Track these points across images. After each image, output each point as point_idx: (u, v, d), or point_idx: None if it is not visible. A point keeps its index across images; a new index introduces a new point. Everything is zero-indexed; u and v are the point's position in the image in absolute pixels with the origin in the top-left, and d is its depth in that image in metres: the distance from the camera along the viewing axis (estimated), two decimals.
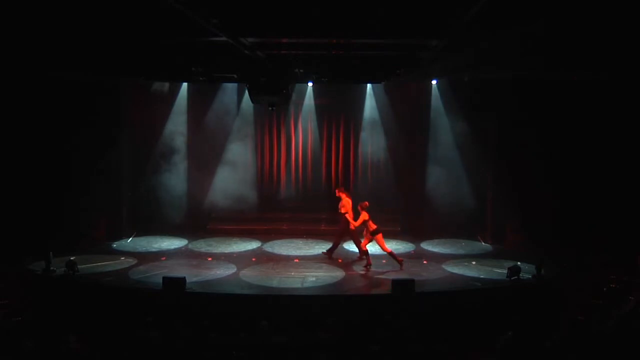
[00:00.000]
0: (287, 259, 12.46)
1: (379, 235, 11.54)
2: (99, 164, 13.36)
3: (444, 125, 14.58)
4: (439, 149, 14.67)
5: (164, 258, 12.41)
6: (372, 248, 13.51)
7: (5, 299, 9.80)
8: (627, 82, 11.54)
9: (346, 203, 12.39)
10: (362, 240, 11.94)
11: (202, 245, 13.65)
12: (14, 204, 12.25)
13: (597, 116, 12.28)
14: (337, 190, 12.78)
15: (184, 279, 10.04)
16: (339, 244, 12.68)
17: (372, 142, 15.40)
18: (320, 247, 13.45)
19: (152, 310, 8.86)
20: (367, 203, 11.78)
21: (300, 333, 7.82)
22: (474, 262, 12.18)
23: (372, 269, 11.62)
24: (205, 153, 15.00)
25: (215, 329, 7.99)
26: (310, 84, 14.53)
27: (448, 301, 9.98)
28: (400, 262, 11.61)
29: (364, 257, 11.84)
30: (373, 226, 11.57)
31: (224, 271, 11.44)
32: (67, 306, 9.57)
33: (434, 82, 14.39)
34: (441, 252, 13.24)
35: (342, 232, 12.56)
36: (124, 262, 11.94)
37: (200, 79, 11.71)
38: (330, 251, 12.57)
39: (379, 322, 8.54)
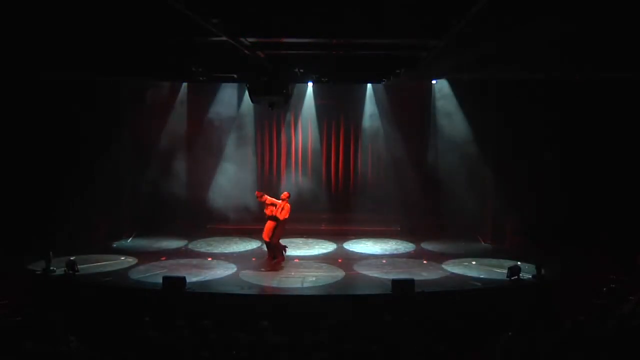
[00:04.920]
0: (287, 259, 12.46)
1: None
2: (99, 164, 13.36)
3: (443, 125, 14.59)
4: (438, 148, 14.68)
5: (164, 258, 12.41)
6: (372, 248, 13.56)
7: (5, 299, 9.79)
8: (627, 83, 11.57)
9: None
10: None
11: (202, 245, 13.65)
12: (14, 204, 12.25)
13: (597, 116, 12.29)
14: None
15: (184, 279, 10.04)
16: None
17: (372, 142, 15.41)
18: (320, 247, 13.47)
19: (152, 310, 8.85)
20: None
21: (300, 333, 7.81)
22: (474, 262, 12.18)
23: (372, 268, 11.62)
24: (205, 153, 15.00)
25: (215, 329, 7.98)
26: (310, 84, 14.53)
27: (448, 301, 9.98)
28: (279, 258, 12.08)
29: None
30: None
31: (224, 271, 11.44)
32: (67, 306, 9.56)
33: (434, 82, 14.39)
34: (441, 252, 13.24)
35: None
36: (124, 262, 11.95)
37: (200, 79, 11.70)
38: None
39: (379, 322, 8.54)
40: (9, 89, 11.95)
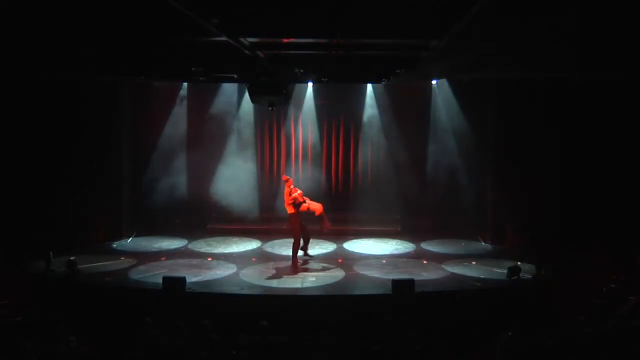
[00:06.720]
0: (287, 259, 12.45)
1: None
2: (99, 164, 13.36)
3: (443, 125, 14.59)
4: (438, 148, 14.68)
5: (164, 258, 12.41)
6: (372, 248, 13.55)
7: (5, 299, 9.80)
8: (626, 83, 11.58)
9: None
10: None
11: (202, 245, 13.65)
12: (14, 204, 12.25)
13: (597, 116, 12.30)
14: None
15: (184, 279, 10.04)
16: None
17: (372, 142, 15.39)
18: (320, 247, 13.46)
19: (152, 310, 8.86)
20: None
21: (300, 333, 7.82)
22: (474, 262, 12.18)
23: (372, 268, 11.62)
24: (205, 153, 14.97)
25: (215, 329, 7.99)
26: (310, 84, 14.52)
27: (448, 301, 9.98)
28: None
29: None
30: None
31: (224, 271, 11.44)
32: (67, 306, 9.56)
33: (434, 82, 14.39)
34: (441, 252, 13.23)
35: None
36: (124, 262, 11.95)
37: (200, 79, 11.70)
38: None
39: (379, 322, 8.54)
40: (9, 89, 11.95)
